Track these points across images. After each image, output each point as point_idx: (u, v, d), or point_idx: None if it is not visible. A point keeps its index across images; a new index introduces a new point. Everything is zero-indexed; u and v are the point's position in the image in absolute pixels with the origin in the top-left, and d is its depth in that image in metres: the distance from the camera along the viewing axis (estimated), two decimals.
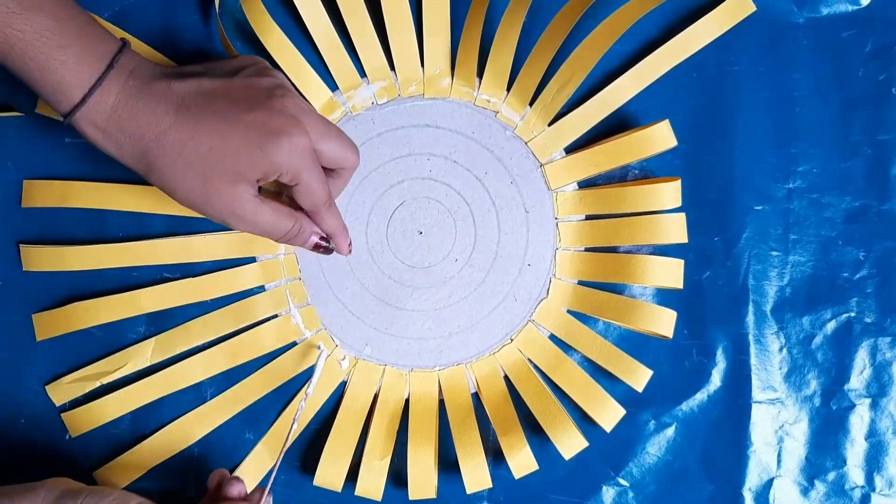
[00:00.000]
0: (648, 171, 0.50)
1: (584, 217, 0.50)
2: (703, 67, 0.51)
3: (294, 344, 0.51)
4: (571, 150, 0.50)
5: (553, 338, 0.50)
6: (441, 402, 0.50)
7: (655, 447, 0.51)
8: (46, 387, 0.50)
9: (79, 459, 0.50)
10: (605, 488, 0.50)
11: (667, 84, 0.51)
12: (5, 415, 0.50)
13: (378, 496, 0.49)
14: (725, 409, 0.51)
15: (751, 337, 0.51)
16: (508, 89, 0.50)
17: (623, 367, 0.49)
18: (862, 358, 0.51)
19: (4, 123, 0.50)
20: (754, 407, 0.51)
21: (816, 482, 0.51)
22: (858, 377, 0.51)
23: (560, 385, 0.50)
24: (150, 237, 0.50)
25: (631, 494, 0.50)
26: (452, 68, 0.50)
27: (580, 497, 0.50)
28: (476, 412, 0.50)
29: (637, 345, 0.50)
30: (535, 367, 0.50)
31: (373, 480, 0.48)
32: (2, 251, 0.50)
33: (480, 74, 0.50)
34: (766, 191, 0.51)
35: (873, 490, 0.50)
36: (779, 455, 0.51)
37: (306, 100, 0.47)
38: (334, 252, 0.47)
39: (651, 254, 0.50)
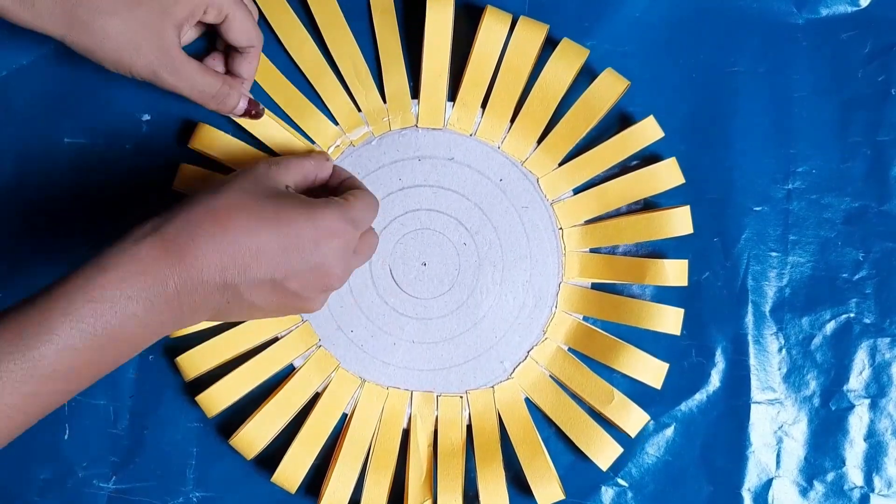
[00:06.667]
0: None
1: (588, 250, 0.50)
2: (702, 68, 0.51)
3: (276, 339, 0.50)
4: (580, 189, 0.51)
5: (553, 376, 0.50)
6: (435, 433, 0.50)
7: (654, 447, 0.51)
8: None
9: (79, 459, 0.50)
10: (604, 488, 0.50)
11: (666, 84, 0.51)
12: None
13: None
14: (724, 410, 0.51)
15: (750, 337, 0.51)
16: (512, 122, 0.50)
17: (618, 412, 0.49)
18: (861, 359, 0.51)
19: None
20: (753, 407, 0.51)
21: (815, 483, 0.51)
22: (857, 378, 0.51)
23: (557, 423, 0.49)
24: None
25: (630, 495, 0.50)
26: (453, 99, 0.50)
27: (579, 497, 0.50)
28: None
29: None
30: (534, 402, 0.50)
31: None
32: (6, 245, 0.51)
33: (484, 106, 0.50)
34: (766, 191, 0.51)
35: (872, 491, 0.50)
36: (778, 455, 0.51)
37: None
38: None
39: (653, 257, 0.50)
